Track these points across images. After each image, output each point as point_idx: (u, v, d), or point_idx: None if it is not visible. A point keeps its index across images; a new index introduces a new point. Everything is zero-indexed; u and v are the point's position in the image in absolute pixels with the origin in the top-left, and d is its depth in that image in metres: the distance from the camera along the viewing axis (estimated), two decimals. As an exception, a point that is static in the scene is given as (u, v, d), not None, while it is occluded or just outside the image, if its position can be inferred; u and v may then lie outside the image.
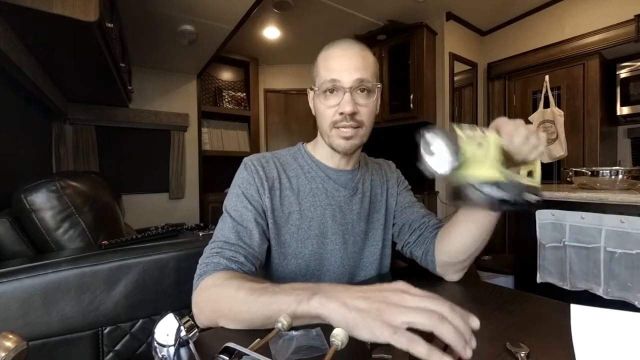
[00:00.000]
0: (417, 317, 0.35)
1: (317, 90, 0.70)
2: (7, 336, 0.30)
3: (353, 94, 0.67)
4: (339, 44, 0.70)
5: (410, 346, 0.33)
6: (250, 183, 0.69)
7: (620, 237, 1.17)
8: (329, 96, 0.68)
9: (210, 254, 0.61)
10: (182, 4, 1.97)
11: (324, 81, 0.68)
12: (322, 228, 0.72)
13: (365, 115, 0.69)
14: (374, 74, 0.70)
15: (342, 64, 0.67)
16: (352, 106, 0.66)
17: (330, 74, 0.67)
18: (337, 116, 0.68)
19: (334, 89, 0.67)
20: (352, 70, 0.66)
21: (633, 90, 2.50)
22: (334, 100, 0.68)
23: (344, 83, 0.66)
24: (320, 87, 0.69)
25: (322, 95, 0.69)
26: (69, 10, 1.09)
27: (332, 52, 0.69)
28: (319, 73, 0.70)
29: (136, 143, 3.08)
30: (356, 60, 0.67)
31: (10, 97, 1.56)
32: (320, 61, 0.71)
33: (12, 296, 0.82)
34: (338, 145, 0.70)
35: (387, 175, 0.87)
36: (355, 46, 0.69)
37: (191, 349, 0.32)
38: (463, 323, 0.35)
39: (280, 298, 0.46)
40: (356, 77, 0.66)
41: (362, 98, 0.68)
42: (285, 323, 0.43)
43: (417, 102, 2.81)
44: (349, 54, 0.68)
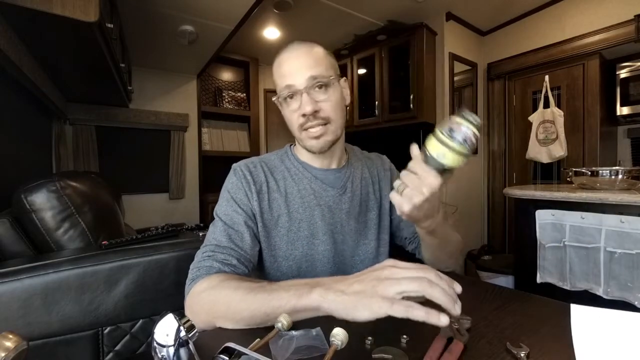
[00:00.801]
0: (409, 285, 0.39)
1: (279, 98, 0.71)
2: (7, 336, 0.30)
3: (310, 93, 0.67)
4: (287, 48, 0.71)
5: (408, 313, 0.37)
6: (239, 187, 0.70)
7: (620, 237, 1.17)
8: (290, 102, 0.69)
9: (202, 258, 0.61)
10: (182, 4, 1.97)
11: (280, 88, 0.69)
12: (312, 229, 0.72)
13: (329, 110, 0.69)
14: (328, 67, 0.70)
15: (292, 67, 0.68)
16: (311, 105, 0.66)
17: (284, 80, 0.68)
18: (301, 119, 0.68)
19: (293, 94, 0.68)
20: (303, 70, 0.66)
21: (633, 90, 2.50)
22: (295, 104, 0.68)
23: (298, 85, 0.66)
24: (280, 95, 0.70)
25: (284, 102, 0.70)
26: (69, 10, 1.09)
27: (281, 57, 0.70)
28: (276, 81, 0.71)
29: (136, 143, 3.08)
30: (305, 59, 0.68)
31: (10, 97, 1.56)
32: (274, 70, 0.72)
33: (12, 296, 0.82)
34: (311, 147, 0.71)
35: (380, 173, 0.85)
36: (301, 46, 0.70)
37: (191, 349, 0.32)
38: (448, 286, 0.40)
39: (280, 294, 0.48)
40: (307, 75, 0.66)
41: (321, 94, 0.68)
42: (285, 323, 0.44)
43: (417, 102, 2.81)
44: (296, 55, 0.68)
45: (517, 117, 3.08)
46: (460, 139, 0.50)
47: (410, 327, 0.50)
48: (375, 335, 0.46)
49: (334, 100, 0.69)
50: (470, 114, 0.51)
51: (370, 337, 0.45)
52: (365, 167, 0.84)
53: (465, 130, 0.50)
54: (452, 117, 0.52)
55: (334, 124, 0.70)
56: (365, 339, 0.45)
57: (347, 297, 0.42)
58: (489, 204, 3.28)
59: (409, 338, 0.45)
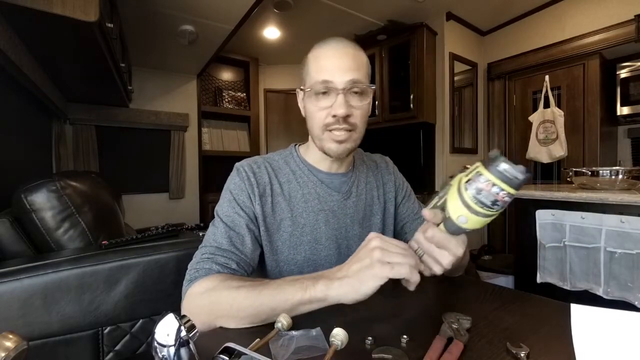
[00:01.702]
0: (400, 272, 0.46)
1: (309, 90, 0.67)
2: (7, 336, 0.30)
3: (346, 96, 0.64)
4: (331, 43, 0.66)
5: (410, 274, 0.46)
6: (241, 189, 0.68)
7: (621, 237, 1.17)
8: (321, 98, 0.65)
9: (202, 259, 0.60)
10: (182, 4, 1.97)
11: (315, 82, 0.65)
12: (315, 234, 0.71)
13: (358, 118, 0.66)
14: (366, 75, 0.68)
15: (334, 64, 0.64)
16: (345, 108, 0.63)
17: (322, 74, 0.64)
18: (330, 119, 0.65)
19: (327, 91, 0.65)
20: (345, 70, 0.63)
21: (633, 90, 2.50)
22: (326, 101, 0.65)
23: (337, 84, 0.63)
24: (311, 88, 0.66)
25: (314, 96, 0.66)
26: (69, 10, 1.09)
27: (324, 51, 0.66)
28: (309, 73, 0.67)
29: (136, 143, 3.08)
30: (348, 60, 0.64)
31: (10, 97, 1.56)
32: (310, 61, 0.67)
33: (12, 296, 0.82)
34: (330, 150, 0.68)
35: (385, 177, 0.84)
36: (347, 45, 0.66)
37: (191, 349, 0.32)
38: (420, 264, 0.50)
39: (285, 288, 0.49)
40: (349, 78, 0.63)
41: (356, 100, 0.65)
42: (285, 323, 0.44)
43: (417, 102, 2.81)
44: (341, 54, 0.65)
45: (517, 117, 3.08)
46: (489, 202, 0.40)
47: (410, 327, 0.50)
48: (375, 335, 0.46)
49: (365, 109, 0.67)
50: (505, 166, 0.39)
51: (370, 337, 0.45)
52: (370, 171, 0.83)
53: (496, 192, 0.39)
54: (481, 167, 0.41)
55: (358, 133, 0.68)
56: (365, 339, 0.45)
57: (350, 278, 0.47)
58: (489, 204, 3.28)
59: (409, 338, 0.45)
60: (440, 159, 2.93)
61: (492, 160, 0.40)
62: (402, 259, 0.46)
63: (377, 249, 0.47)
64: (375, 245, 0.48)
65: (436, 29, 2.88)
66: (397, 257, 0.46)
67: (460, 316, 0.49)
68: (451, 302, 0.62)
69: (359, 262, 0.48)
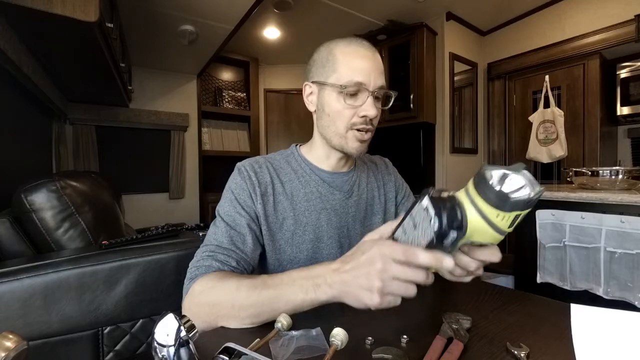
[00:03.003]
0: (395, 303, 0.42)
1: (339, 88, 0.65)
2: (7, 336, 0.30)
3: (374, 99, 0.67)
4: (362, 43, 0.67)
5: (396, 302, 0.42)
6: (243, 189, 0.69)
7: (621, 237, 1.17)
8: (350, 97, 0.66)
9: (202, 257, 0.61)
10: (182, 4, 1.97)
11: (348, 81, 0.64)
12: (317, 233, 0.71)
13: (376, 122, 0.69)
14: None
15: (369, 66, 0.65)
16: (376, 111, 0.66)
17: (356, 74, 0.64)
18: (357, 118, 0.66)
19: (357, 91, 0.65)
20: (378, 74, 0.66)
21: (633, 90, 2.50)
22: (356, 101, 0.66)
23: (369, 86, 0.65)
24: (341, 84, 0.65)
25: (343, 95, 0.65)
26: (69, 10, 1.09)
27: (356, 50, 0.66)
28: (338, 69, 0.66)
29: (136, 143, 3.08)
30: (379, 64, 0.67)
31: (10, 97, 1.56)
32: (339, 57, 0.66)
33: (12, 296, 0.82)
34: (353, 148, 0.69)
35: (385, 177, 0.85)
36: (375, 51, 0.68)
37: (191, 349, 0.32)
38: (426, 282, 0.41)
39: (285, 289, 0.49)
40: (380, 83, 0.66)
41: (379, 104, 0.68)
42: (285, 323, 0.44)
43: (417, 102, 2.81)
44: (374, 57, 0.66)
45: (517, 117, 3.08)
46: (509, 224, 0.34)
47: (410, 327, 0.50)
48: (375, 335, 0.46)
49: (380, 115, 0.70)
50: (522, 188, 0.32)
51: (370, 337, 0.45)
52: (370, 171, 0.84)
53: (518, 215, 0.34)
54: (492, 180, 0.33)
55: (372, 135, 0.71)
56: (365, 339, 0.45)
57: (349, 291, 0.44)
58: (489, 204, 3.28)
59: (409, 338, 0.45)
60: (440, 159, 2.93)
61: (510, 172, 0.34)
62: (403, 291, 0.41)
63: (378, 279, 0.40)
64: (379, 268, 0.41)
65: (436, 29, 2.88)
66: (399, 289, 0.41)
67: (460, 316, 0.49)
68: (451, 302, 0.62)
69: (357, 280, 0.43)
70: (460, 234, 0.34)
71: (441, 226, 0.34)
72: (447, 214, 0.33)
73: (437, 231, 0.34)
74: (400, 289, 0.41)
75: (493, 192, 0.33)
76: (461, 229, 0.34)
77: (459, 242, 0.36)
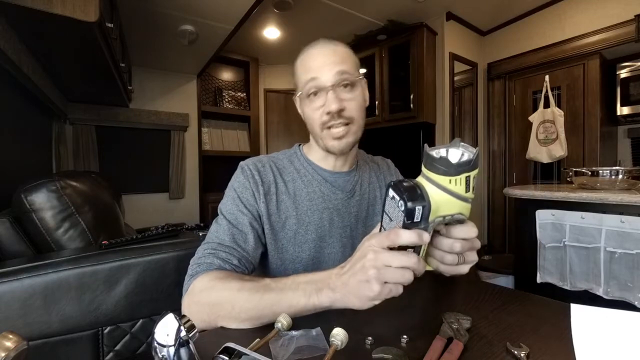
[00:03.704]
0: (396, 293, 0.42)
1: (301, 94, 0.69)
2: (7, 336, 0.30)
3: (336, 91, 0.65)
4: (314, 45, 0.69)
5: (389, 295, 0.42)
6: (246, 187, 0.69)
7: (621, 237, 1.17)
8: (313, 98, 0.67)
9: (204, 255, 0.61)
10: (182, 4, 1.97)
11: (304, 82, 0.67)
12: (320, 232, 0.71)
13: (353, 110, 0.68)
14: (354, 66, 0.69)
15: (319, 61, 0.66)
16: (337, 103, 0.65)
17: (309, 73, 0.66)
18: (325, 117, 0.67)
19: (317, 90, 0.66)
20: (331, 65, 0.65)
21: (633, 90, 2.50)
22: (319, 101, 0.67)
23: (325, 81, 0.65)
24: (303, 91, 0.68)
25: (307, 98, 0.68)
26: (69, 10, 1.09)
27: (308, 52, 0.69)
28: (299, 77, 0.70)
29: (136, 143, 3.08)
30: (332, 55, 0.66)
31: (10, 97, 1.56)
32: (298, 65, 0.70)
33: (12, 296, 0.82)
34: (332, 147, 0.69)
35: (387, 177, 0.85)
36: (329, 43, 0.68)
37: (191, 349, 0.32)
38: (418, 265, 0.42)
39: (287, 294, 0.49)
40: (335, 70, 0.65)
41: (347, 92, 0.67)
42: (285, 323, 0.44)
43: (417, 102, 2.81)
44: (325, 51, 0.67)
45: (517, 117, 3.08)
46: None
47: (410, 327, 0.50)
48: (375, 335, 0.46)
49: (359, 100, 0.68)
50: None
51: (370, 337, 0.45)
52: (372, 171, 0.84)
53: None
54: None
55: (356, 125, 0.69)
56: (365, 339, 0.45)
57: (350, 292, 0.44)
58: (489, 204, 3.28)
59: (409, 338, 0.45)
60: (440, 159, 2.93)
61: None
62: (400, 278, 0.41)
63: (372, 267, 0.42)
64: (371, 258, 0.42)
65: (436, 29, 2.88)
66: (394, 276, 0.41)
67: (460, 316, 0.49)
68: (451, 302, 0.62)
69: (355, 277, 0.44)
70: (425, 205, 0.38)
71: (406, 204, 0.37)
72: (408, 193, 0.38)
73: (405, 210, 0.38)
74: (397, 276, 0.41)
75: (439, 162, 0.38)
76: (424, 200, 0.38)
77: (431, 218, 0.39)
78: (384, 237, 0.42)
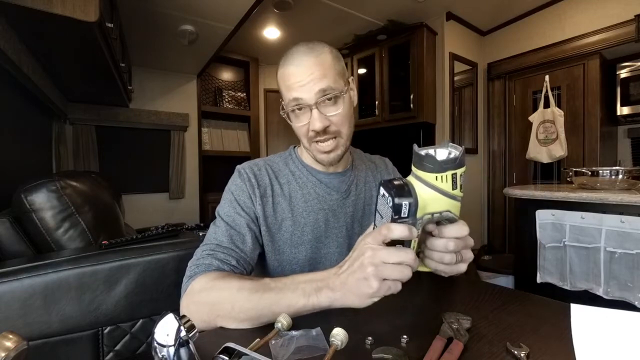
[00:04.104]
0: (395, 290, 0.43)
1: (286, 110, 0.68)
2: (7, 336, 0.30)
3: (320, 107, 0.64)
4: (293, 58, 0.65)
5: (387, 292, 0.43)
6: (243, 190, 0.69)
7: (621, 237, 1.17)
8: (298, 114, 0.66)
9: (202, 256, 0.61)
10: (182, 4, 1.97)
11: (287, 101, 0.65)
12: (316, 233, 0.72)
13: (339, 124, 0.66)
14: (337, 76, 0.65)
15: (300, 80, 0.63)
16: (321, 122, 0.63)
17: (291, 92, 0.64)
18: (311, 133, 0.66)
19: (301, 107, 0.65)
20: (312, 83, 0.62)
21: (633, 90, 2.50)
22: (304, 118, 0.66)
23: (308, 100, 0.63)
24: (287, 108, 0.67)
25: (291, 114, 0.67)
26: (69, 10, 1.09)
27: (287, 67, 0.65)
28: (281, 92, 0.68)
29: (136, 143, 3.08)
30: (313, 71, 0.63)
31: (10, 97, 1.56)
32: (279, 78, 0.68)
33: (12, 296, 0.82)
34: (321, 160, 0.70)
35: (384, 176, 0.85)
36: (309, 55, 0.64)
37: (191, 349, 0.32)
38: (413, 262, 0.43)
39: (286, 294, 0.49)
40: (317, 89, 0.62)
41: (331, 109, 0.65)
42: (285, 323, 0.44)
43: (417, 102, 2.81)
44: (305, 66, 0.63)
45: (517, 117, 3.08)
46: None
47: (410, 327, 0.50)
48: (375, 335, 0.46)
49: (343, 113, 0.66)
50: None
51: (370, 337, 0.45)
52: (369, 171, 0.84)
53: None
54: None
55: (344, 137, 0.68)
56: (365, 339, 0.45)
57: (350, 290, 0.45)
58: (489, 204, 3.28)
59: (409, 338, 0.45)
60: (440, 159, 2.93)
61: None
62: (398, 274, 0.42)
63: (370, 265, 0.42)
64: (368, 255, 0.43)
65: (436, 29, 2.88)
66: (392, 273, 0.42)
67: (460, 316, 0.49)
68: (451, 302, 0.62)
69: (353, 275, 0.44)
70: (412, 201, 0.39)
71: (394, 199, 0.39)
72: (396, 189, 0.40)
73: (392, 206, 0.39)
74: (395, 273, 0.42)
75: (426, 160, 0.40)
76: (410, 196, 0.39)
77: (419, 215, 0.41)
78: (377, 233, 0.42)
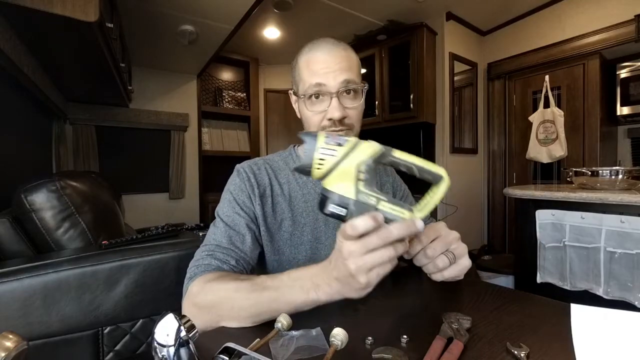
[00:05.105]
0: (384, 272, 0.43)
1: (303, 96, 0.67)
2: (7, 336, 0.30)
3: (340, 98, 0.65)
4: (321, 46, 0.67)
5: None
6: (242, 190, 0.69)
7: (621, 237, 1.17)
8: (315, 102, 0.66)
9: (201, 257, 0.61)
10: (182, 4, 1.97)
11: (308, 86, 0.65)
12: (316, 233, 0.71)
13: (354, 118, 0.67)
14: (358, 74, 0.68)
15: (327, 67, 0.64)
16: (341, 111, 0.64)
17: (314, 77, 0.65)
18: (326, 122, 0.66)
19: (320, 94, 0.65)
20: (338, 72, 0.64)
21: (633, 90, 2.50)
22: (321, 105, 0.66)
23: (330, 87, 0.64)
24: (305, 93, 0.67)
25: (308, 100, 0.67)
26: (69, 10, 1.09)
27: (315, 55, 0.66)
28: (302, 77, 0.68)
29: (136, 143, 3.08)
30: (341, 61, 0.65)
31: (11, 97, 1.56)
32: (302, 64, 0.68)
33: (12, 296, 0.82)
34: None
35: (383, 178, 0.85)
36: (338, 47, 0.67)
37: (191, 349, 0.32)
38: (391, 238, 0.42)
39: (285, 291, 0.49)
40: (342, 78, 0.64)
41: (350, 100, 0.66)
42: (285, 323, 0.44)
43: (417, 102, 2.81)
44: (333, 56, 0.65)
45: (517, 117, 3.08)
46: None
47: (410, 327, 0.50)
48: (375, 335, 0.46)
49: (359, 109, 0.67)
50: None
51: (370, 337, 0.45)
52: None
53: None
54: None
55: (354, 132, 0.69)
56: (365, 339, 0.45)
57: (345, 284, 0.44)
58: (489, 204, 3.28)
59: (409, 338, 0.45)
60: (440, 159, 2.94)
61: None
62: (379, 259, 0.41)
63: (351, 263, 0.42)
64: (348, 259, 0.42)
65: (436, 29, 2.88)
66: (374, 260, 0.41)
67: (460, 316, 0.49)
68: (451, 302, 0.62)
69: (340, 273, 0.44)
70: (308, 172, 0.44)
71: (322, 209, 0.45)
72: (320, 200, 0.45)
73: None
74: (375, 259, 0.41)
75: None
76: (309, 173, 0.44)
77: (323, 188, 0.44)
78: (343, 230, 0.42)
